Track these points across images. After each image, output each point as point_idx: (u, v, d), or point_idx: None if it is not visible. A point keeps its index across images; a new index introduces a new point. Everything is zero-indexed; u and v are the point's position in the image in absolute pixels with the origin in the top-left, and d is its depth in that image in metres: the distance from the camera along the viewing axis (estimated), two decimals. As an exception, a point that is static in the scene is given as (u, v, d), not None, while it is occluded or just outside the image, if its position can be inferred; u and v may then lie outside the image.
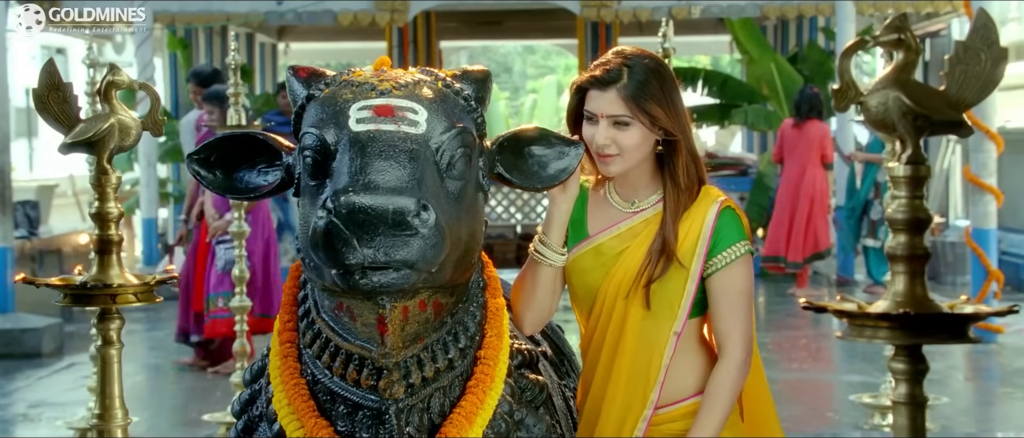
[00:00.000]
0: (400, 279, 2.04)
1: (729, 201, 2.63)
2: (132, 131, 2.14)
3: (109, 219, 2.11)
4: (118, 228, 2.12)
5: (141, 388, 7.81)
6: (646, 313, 2.59)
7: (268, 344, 2.46)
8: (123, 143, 2.13)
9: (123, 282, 2.09)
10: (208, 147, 2.38)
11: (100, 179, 2.10)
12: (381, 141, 2.09)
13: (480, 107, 2.36)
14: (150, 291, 2.12)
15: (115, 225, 2.12)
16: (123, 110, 2.14)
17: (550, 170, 2.43)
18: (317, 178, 2.17)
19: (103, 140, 2.09)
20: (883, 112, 1.59)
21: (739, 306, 2.58)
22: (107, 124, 2.09)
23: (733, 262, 2.58)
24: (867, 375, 7.41)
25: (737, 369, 2.56)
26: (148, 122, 2.15)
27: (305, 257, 2.19)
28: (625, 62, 2.58)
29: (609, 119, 2.55)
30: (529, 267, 2.65)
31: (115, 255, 2.11)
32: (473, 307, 2.34)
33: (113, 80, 2.11)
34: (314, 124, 2.21)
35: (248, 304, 5.76)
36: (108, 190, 2.11)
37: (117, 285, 2.07)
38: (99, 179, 2.10)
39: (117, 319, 2.11)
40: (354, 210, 1.98)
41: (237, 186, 2.38)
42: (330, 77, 2.32)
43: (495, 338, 2.37)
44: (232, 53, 5.34)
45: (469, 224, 2.23)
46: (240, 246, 5.67)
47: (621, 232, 2.63)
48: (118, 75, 2.11)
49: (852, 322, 1.58)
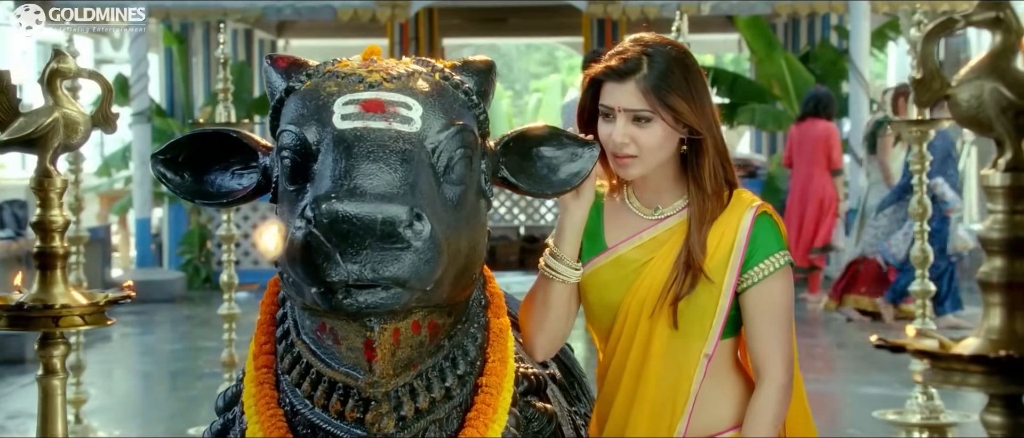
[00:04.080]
0: (390, 299, 1.84)
1: (765, 206, 2.38)
2: (80, 127, 1.85)
3: (53, 229, 1.82)
4: (63, 239, 1.83)
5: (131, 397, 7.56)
6: (673, 333, 2.34)
7: (243, 368, 2.24)
8: (69, 141, 1.84)
9: (68, 302, 1.80)
10: (175, 146, 2.18)
11: (43, 182, 1.81)
12: (369, 140, 1.90)
13: (483, 102, 2.15)
14: (101, 312, 1.83)
15: (60, 236, 1.83)
16: (70, 103, 1.85)
17: (562, 174, 2.22)
18: (296, 182, 1.99)
19: (46, 137, 1.80)
20: (976, 107, 1.29)
21: (779, 324, 2.34)
22: (50, 119, 1.80)
23: (772, 275, 2.33)
24: (888, 388, 7.15)
25: (779, 395, 2.32)
26: (99, 117, 1.86)
27: (283, 272, 1.99)
28: (645, 50, 2.34)
29: (627, 114, 2.31)
30: (539, 285, 2.39)
31: (60, 270, 1.82)
32: (473, 328, 2.15)
33: (58, 68, 1.82)
34: (293, 121, 2.02)
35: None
36: (52, 195, 1.82)
37: (60, 305, 1.78)
38: (41, 182, 1.81)
39: (61, 344, 1.82)
40: (337, 219, 1.79)
41: (208, 190, 2.19)
42: (313, 68, 2.12)
43: (498, 363, 2.16)
44: (222, 46, 5.06)
45: (469, 235, 2.03)
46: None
47: (644, 242, 2.38)
48: (63, 62, 1.82)
49: (936, 365, 1.29)
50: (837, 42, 13.21)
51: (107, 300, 1.83)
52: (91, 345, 8.65)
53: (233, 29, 13.28)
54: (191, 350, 8.57)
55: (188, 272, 11.25)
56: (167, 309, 10.26)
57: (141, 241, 11.75)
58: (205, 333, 8.80)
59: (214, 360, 6.59)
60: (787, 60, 12.32)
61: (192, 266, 11.29)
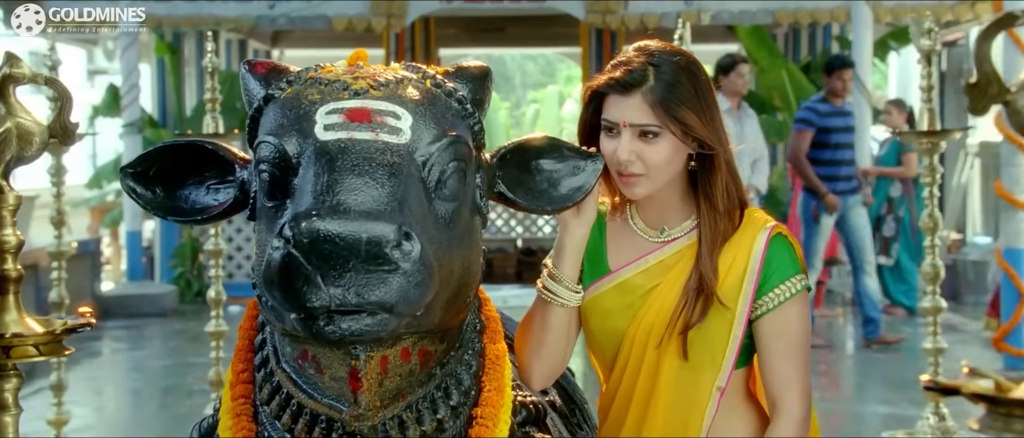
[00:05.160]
0: (376, 325, 1.71)
1: (780, 227, 2.22)
2: (35, 139, 1.69)
3: (5, 250, 1.66)
4: (16, 261, 1.67)
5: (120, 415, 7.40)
6: (683, 364, 2.19)
7: (218, 398, 2.11)
8: (23, 152, 1.69)
9: (21, 330, 1.64)
10: (146, 158, 2.03)
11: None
12: (354, 152, 1.76)
13: (478, 111, 2.01)
14: (58, 342, 1.66)
15: (12, 257, 1.67)
16: (25, 112, 1.69)
17: (562, 189, 2.08)
18: (275, 198, 1.85)
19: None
20: (1039, 115, 1.14)
21: (796, 353, 2.18)
22: (2, 129, 1.64)
23: (788, 300, 2.18)
24: (897, 406, 7.02)
25: (796, 429, 2.17)
26: (56, 127, 1.70)
27: (261, 295, 1.84)
28: (650, 60, 2.18)
29: (633, 130, 2.16)
30: (537, 308, 2.24)
31: (12, 295, 1.66)
32: (467, 355, 2.02)
33: (11, 73, 1.66)
34: (272, 131, 1.88)
35: None
36: (3, 213, 1.66)
37: (12, 334, 1.63)
38: (-8, 199, 1.65)
39: (13, 377, 1.66)
40: (318, 239, 1.65)
41: (181, 206, 2.04)
42: (294, 74, 1.99)
43: (494, 393, 2.02)
44: (209, 55, 4.90)
45: (463, 255, 1.89)
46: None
47: (650, 266, 2.23)
48: (17, 67, 1.66)
49: (994, 410, 1.13)
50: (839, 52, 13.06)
51: (65, 328, 1.68)
52: (79, 361, 8.52)
53: (227, 39, 13.15)
54: (182, 366, 8.41)
55: (180, 285, 11.10)
56: (158, 323, 10.11)
57: (132, 254, 11.61)
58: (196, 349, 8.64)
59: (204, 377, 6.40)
60: (788, 70, 12.21)
61: (184, 279, 11.14)
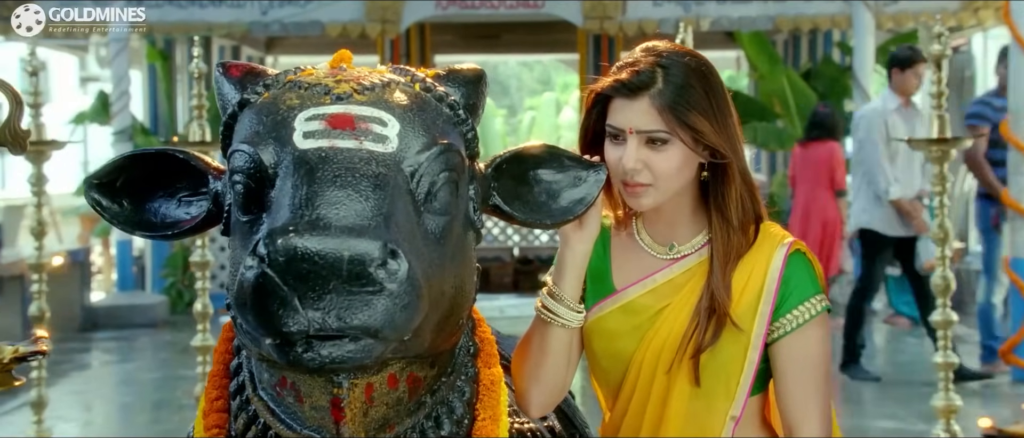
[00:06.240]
0: (359, 352, 1.57)
1: (798, 243, 2.07)
2: (-18, 147, 1.54)
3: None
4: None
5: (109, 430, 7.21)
6: (695, 391, 2.03)
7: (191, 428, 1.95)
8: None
9: (-35, 360, 1.48)
10: (113, 168, 1.86)
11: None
12: (336, 162, 1.63)
13: (471, 118, 1.86)
14: (7, 372, 1.51)
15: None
16: (-30, 118, 1.54)
17: (563, 201, 1.93)
18: (250, 212, 1.71)
19: (-60, 159, 1.49)
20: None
21: (815, 379, 2.02)
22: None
23: (807, 323, 2.02)
24: (903, 421, 6.85)
25: None
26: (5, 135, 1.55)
27: (236, 317, 1.67)
28: (659, 61, 2.02)
29: (640, 136, 2.00)
30: (535, 329, 2.07)
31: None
32: (460, 381, 1.88)
33: (-43, 77, 1.51)
34: (247, 139, 1.73)
35: None
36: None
37: (-47, 365, 1.47)
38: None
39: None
40: (295, 257, 1.52)
41: (150, 220, 1.88)
42: (272, 77, 1.83)
43: (489, 421, 1.88)
44: (196, 59, 4.74)
45: (454, 274, 1.75)
46: None
47: (657, 286, 2.07)
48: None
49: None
50: (840, 59, 12.96)
51: (15, 355, 1.52)
52: (68, 374, 8.35)
53: (219, 46, 13.00)
54: (172, 379, 8.23)
55: (171, 296, 10.94)
56: (148, 334, 9.94)
57: (123, 264, 11.46)
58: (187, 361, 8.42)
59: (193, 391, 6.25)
60: (789, 77, 12.07)
61: (175, 290, 10.97)
